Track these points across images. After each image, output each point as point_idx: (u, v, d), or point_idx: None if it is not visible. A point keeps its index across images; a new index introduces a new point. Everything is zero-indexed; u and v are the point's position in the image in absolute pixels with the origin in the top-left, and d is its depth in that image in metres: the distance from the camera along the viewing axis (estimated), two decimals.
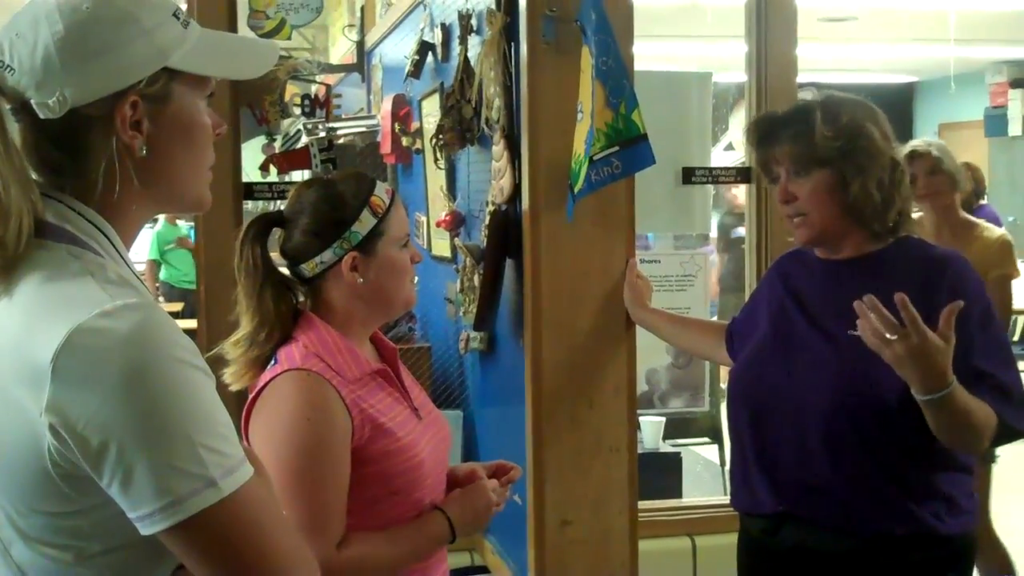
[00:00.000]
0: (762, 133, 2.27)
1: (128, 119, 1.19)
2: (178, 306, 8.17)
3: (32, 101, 1.16)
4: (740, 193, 5.69)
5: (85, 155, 1.19)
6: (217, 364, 1.89)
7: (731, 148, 6.42)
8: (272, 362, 1.90)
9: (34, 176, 1.19)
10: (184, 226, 9.06)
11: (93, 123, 1.18)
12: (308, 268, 1.95)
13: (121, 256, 1.22)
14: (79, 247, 1.17)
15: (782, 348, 2.25)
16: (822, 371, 2.14)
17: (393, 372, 2.01)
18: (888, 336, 1.88)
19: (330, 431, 1.83)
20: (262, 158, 3.15)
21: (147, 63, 1.19)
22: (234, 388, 1.92)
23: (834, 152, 2.14)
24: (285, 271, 1.98)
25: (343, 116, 4.20)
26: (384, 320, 2.14)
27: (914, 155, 3.94)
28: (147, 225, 1.42)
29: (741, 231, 5.54)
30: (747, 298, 2.66)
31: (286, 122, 3.63)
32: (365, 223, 1.93)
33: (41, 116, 1.16)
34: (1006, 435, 2.09)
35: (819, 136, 2.15)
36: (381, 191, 1.97)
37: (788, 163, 2.20)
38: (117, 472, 1.08)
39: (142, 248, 9.11)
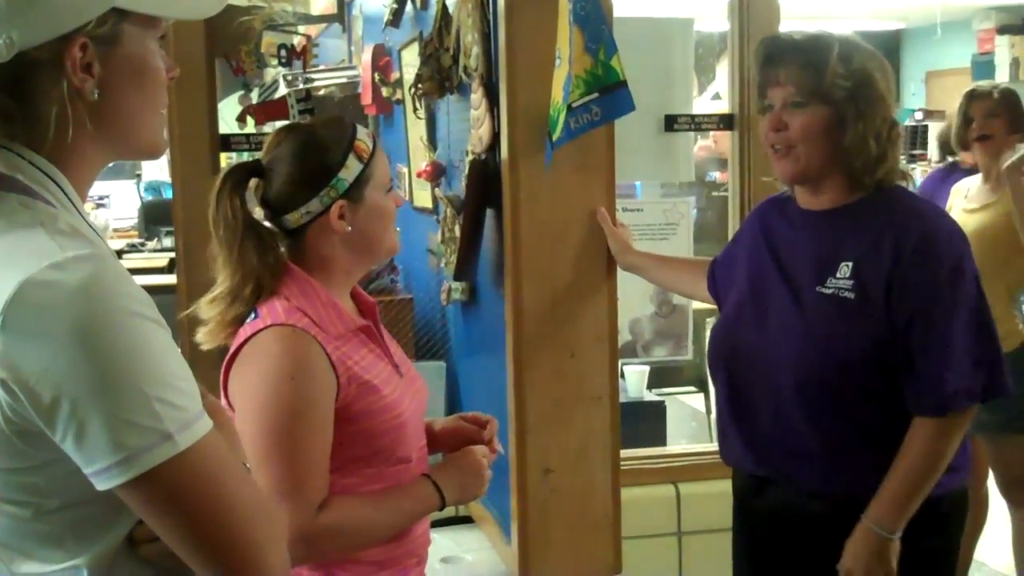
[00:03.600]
0: (771, 52, 2.16)
1: (78, 61, 1.15)
2: (163, 261, 8.13)
3: None
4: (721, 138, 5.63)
5: (34, 100, 1.16)
6: (195, 324, 1.86)
7: (718, 98, 6.38)
8: (252, 316, 1.83)
9: None
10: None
11: (42, 67, 1.15)
12: (293, 219, 1.86)
13: (74, 205, 1.19)
14: (30, 197, 1.14)
15: (756, 306, 2.21)
16: (790, 330, 2.11)
17: (374, 327, 1.95)
18: None
19: (315, 390, 1.77)
20: (239, 109, 3.12)
21: (96, 3, 1.16)
22: (206, 347, 1.86)
23: (841, 92, 2.07)
24: (265, 223, 1.89)
25: (322, 67, 4.16)
26: (367, 268, 2.08)
27: (974, 95, 3.87)
28: None
29: (715, 175, 5.51)
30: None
31: (269, 72, 3.59)
32: (351, 169, 1.85)
33: None
34: (986, 396, 2.08)
35: (831, 71, 2.07)
36: (364, 135, 1.90)
37: (791, 90, 2.11)
38: (70, 427, 1.06)
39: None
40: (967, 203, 3.82)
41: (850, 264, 2.07)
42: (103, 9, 1.16)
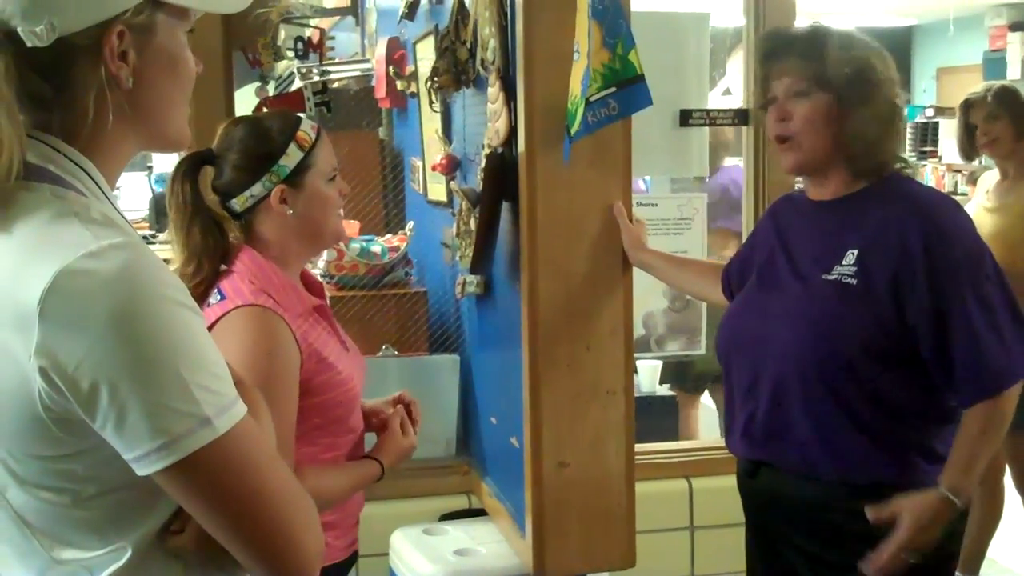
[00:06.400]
0: (772, 46, 2.23)
1: (115, 49, 1.17)
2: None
3: (19, 29, 1.13)
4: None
5: (72, 87, 1.17)
6: None
7: (728, 93, 6.36)
8: (218, 296, 1.96)
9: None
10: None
11: (80, 52, 1.16)
12: (239, 202, 2.02)
13: (105, 195, 1.20)
14: (62, 187, 1.15)
15: (763, 295, 2.25)
16: (794, 318, 2.14)
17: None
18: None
19: (286, 365, 1.92)
20: (256, 101, 3.13)
21: None
22: None
23: (841, 78, 2.11)
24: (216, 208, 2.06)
25: (337, 60, 4.16)
26: (315, 253, 2.30)
27: (970, 103, 3.88)
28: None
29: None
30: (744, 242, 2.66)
31: (280, 65, 3.60)
32: (292, 156, 2.01)
33: (28, 44, 1.13)
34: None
35: (832, 58, 2.12)
36: (307, 127, 2.06)
37: (792, 80, 2.16)
38: (110, 414, 1.07)
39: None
40: (987, 200, 3.83)
41: (855, 252, 2.09)
42: None
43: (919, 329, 2.04)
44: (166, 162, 10.28)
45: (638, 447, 2.79)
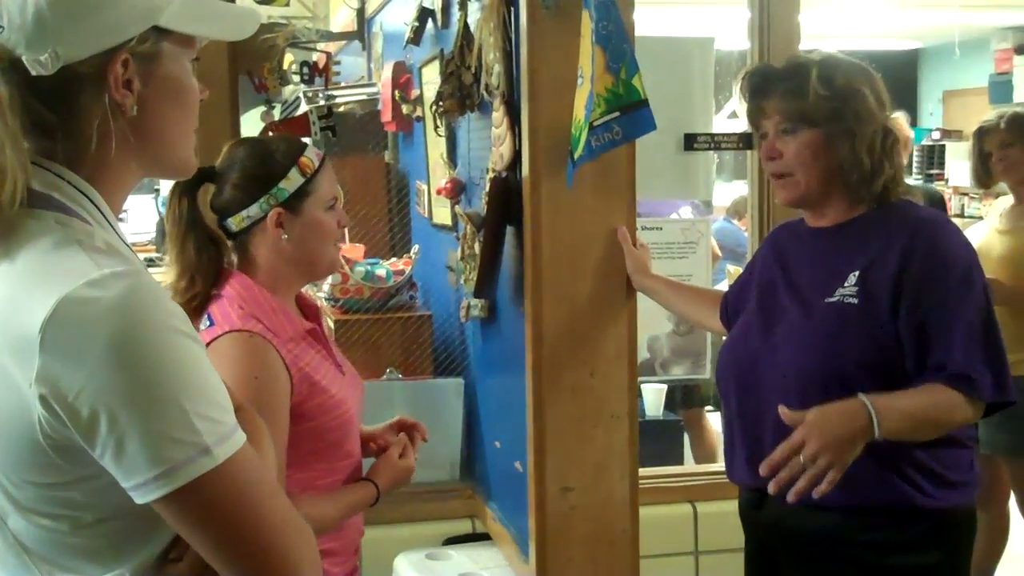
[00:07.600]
0: (755, 85, 2.25)
1: (120, 77, 1.17)
2: None
3: (23, 58, 1.14)
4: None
5: (76, 115, 1.18)
6: None
7: (734, 116, 6.37)
8: (207, 323, 1.94)
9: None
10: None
11: (85, 81, 1.17)
12: (235, 222, 2.01)
13: (109, 222, 1.20)
14: (66, 215, 1.15)
15: (764, 322, 2.23)
16: (796, 343, 2.12)
17: (319, 329, 2.10)
18: (808, 462, 1.89)
19: (275, 390, 1.90)
20: (261, 126, 3.15)
21: (138, 20, 1.18)
22: None
23: (826, 112, 2.12)
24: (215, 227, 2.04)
25: (343, 84, 4.18)
26: (308, 282, 2.23)
27: (983, 131, 3.88)
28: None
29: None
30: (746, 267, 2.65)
31: (286, 89, 3.61)
32: (293, 181, 2.00)
33: (33, 73, 1.13)
34: (990, 410, 2.06)
35: (812, 94, 2.12)
36: (311, 153, 2.04)
37: (778, 119, 2.18)
38: (109, 442, 1.07)
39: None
40: (999, 223, 3.83)
41: (857, 273, 2.09)
42: (145, 26, 1.18)
43: (905, 344, 2.03)
44: None
45: (642, 471, 2.78)
